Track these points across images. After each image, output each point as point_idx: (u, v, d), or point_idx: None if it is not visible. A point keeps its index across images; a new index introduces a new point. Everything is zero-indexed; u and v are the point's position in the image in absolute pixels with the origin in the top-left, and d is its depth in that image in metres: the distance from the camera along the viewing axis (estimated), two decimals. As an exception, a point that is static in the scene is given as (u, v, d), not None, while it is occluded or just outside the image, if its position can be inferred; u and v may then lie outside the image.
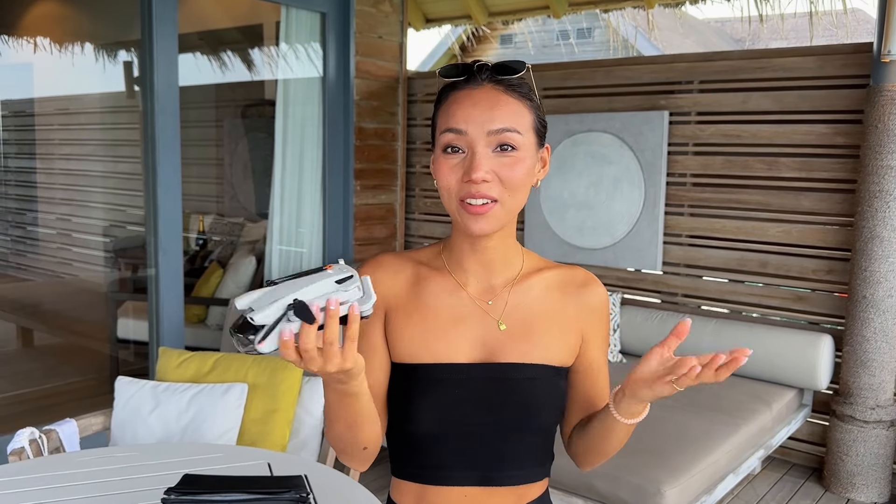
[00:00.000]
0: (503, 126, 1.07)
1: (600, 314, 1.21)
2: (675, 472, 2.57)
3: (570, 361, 1.19)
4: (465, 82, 1.11)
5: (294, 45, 4.39)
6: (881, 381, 3.27)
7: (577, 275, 1.22)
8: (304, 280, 0.91)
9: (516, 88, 1.10)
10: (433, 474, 1.15)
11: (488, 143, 1.07)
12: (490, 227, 1.09)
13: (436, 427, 1.12)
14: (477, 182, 1.06)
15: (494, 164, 1.07)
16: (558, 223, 4.29)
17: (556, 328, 1.17)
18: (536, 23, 7.84)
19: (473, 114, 1.07)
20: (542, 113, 1.13)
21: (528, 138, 1.09)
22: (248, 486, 1.48)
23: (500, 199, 1.08)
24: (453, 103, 1.10)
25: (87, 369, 4.99)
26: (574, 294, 1.20)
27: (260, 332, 0.87)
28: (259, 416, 2.39)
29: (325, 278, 0.90)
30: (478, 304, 1.16)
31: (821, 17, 4.26)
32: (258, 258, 4.70)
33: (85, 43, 5.38)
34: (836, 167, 3.52)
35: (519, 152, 1.08)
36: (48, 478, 1.69)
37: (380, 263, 1.19)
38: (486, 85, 1.09)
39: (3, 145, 5.65)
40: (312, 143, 4.45)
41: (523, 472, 1.17)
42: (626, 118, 4.03)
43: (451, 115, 1.08)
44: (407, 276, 1.18)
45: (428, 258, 1.21)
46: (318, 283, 0.89)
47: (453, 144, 1.08)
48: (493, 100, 1.08)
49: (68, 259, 5.95)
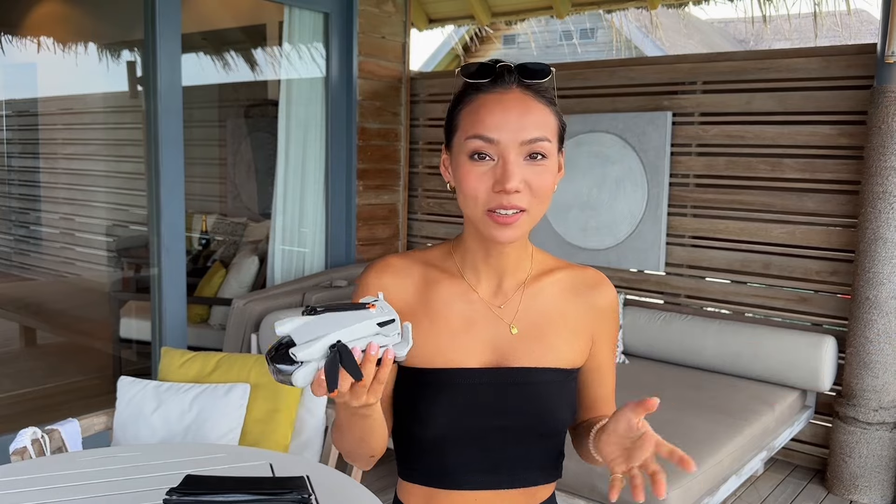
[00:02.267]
0: (536, 135, 1.04)
1: (610, 316, 1.20)
2: (678, 473, 2.56)
3: (581, 363, 1.18)
4: (491, 84, 1.06)
5: (297, 45, 4.39)
6: (884, 383, 3.27)
7: (587, 275, 1.20)
8: (347, 317, 0.90)
9: (543, 94, 1.07)
10: (443, 478, 1.14)
11: (520, 152, 1.04)
12: (516, 236, 1.07)
13: (447, 431, 1.11)
14: (510, 192, 1.03)
15: (526, 173, 1.04)
16: (561, 224, 4.29)
17: (567, 330, 1.16)
18: (540, 23, 7.84)
19: (506, 121, 1.03)
20: (562, 118, 1.11)
21: (554, 145, 1.07)
22: (251, 487, 1.48)
23: (529, 209, 1.06)
24: (481, 107, 1.05)
25: (89, 369, 4.99)
26: (585, 295, 1.18)
27: (299, 367, 0.88)
28: (261, 416, 2.39)
29: (368, 319, 0.90)
30: (489, 308, 1.14)
31: (825, 17, 4.25)
32: (261, 258, 4.70)
33: (88, 43, 5.38)
34: (839, 168, 3.51)
35: (548, 161, 1.06)
36: (50, 477, 1.69)
37: (386, 267, 1.15)
38: (515, 89, 1.05)
39: (7, 145, 5.66)
40: (315, 143, 4.45)
41: (534, 475, 1.16)
42: (630, 119, 4.02)
43: (480, 120, 1.04)
44: (415, 280, 1.15)
45: (437, 259, 1.18)
46: (360, 324, 0.89)
47: (482, 152, 1.04)
48: (524, 106, 1.04)
49: (71, 258, 5.96)
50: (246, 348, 3.76)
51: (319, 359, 0.88)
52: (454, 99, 1.10)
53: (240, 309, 3.80)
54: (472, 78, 1.07)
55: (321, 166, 4.48)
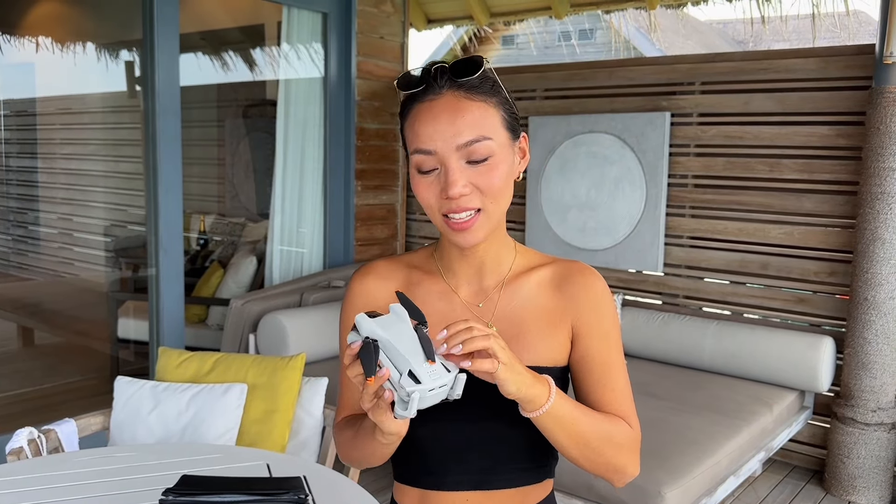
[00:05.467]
0: (471, 137, 1.02)
1: (592, 304, 1.13)
2: (676, 473, 2.56)
3: (563, 360, 1.14)
4: (423, 92, 1.06)
5: (296, 46, 4.39)
6: (882, 384, 3.27)
7: (568, 267, 1.16)
8: (411, 342, 0.93)
9: (478, 89, 1.05)
10: (432, 479, 1.15)
11: (460, 156, 1.03)
12: (477, 239, 1.07)
13: (430, 431, 1.11)
14: (455, 198, 1.03)
15: (470, 175, 1.03)
16: (559, 224, 4.29)
17: (546, 326, 1.13)
18: (538, 23, 7.84)
19: (438, 129, 1.03)
20: (511, 105, 1.08)
21: (499, 139, 1.05)
22: (247, 487, 1.48)
23: (483, 208, 1.05)
24: (416, 119, 1.05)
25: (86, 369, 4.98)
26: (563, 287, 1.14)
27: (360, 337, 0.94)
28: (258, 416, 2.39)
29: (414, 357, 0.93)
30: (468, 308, 1.14)
31: (823, 18, 4.26)
32: (259, 258, 4.70)
33: (87, 42, 5.37)
34: (837, 169, 3.52)
35: (493, 158, 1.04)
36: (47, 477, 1.68)
37: (370, 271, 1.18)
38: (446, 93, 1.04)
39: (5, 145, 5.65)
40: (314, 144, 4.45)
41: (520, 475, 1.15)
42: (628, 119, 4.02)
43: (416, 133, 1.04)
44: (398, 282, 1.17)
45: (421, 261, 1.19)
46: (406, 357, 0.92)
47: (424, 165, 1.05)
48: (454, 109, 1.03)
49: (69, 258, 5.95)
50: (244, 348, 3.75)
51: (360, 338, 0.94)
52: (399, 112, 1.11)
53: (238, 309, 3.80)
54: (406, 88, 1.07)
55: (319, 166, 4.48)
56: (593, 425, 1.07)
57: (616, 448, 1.10)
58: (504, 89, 1.09)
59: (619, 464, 1.11)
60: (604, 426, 1.09)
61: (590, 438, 1.07)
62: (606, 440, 1.09)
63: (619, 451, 1.10)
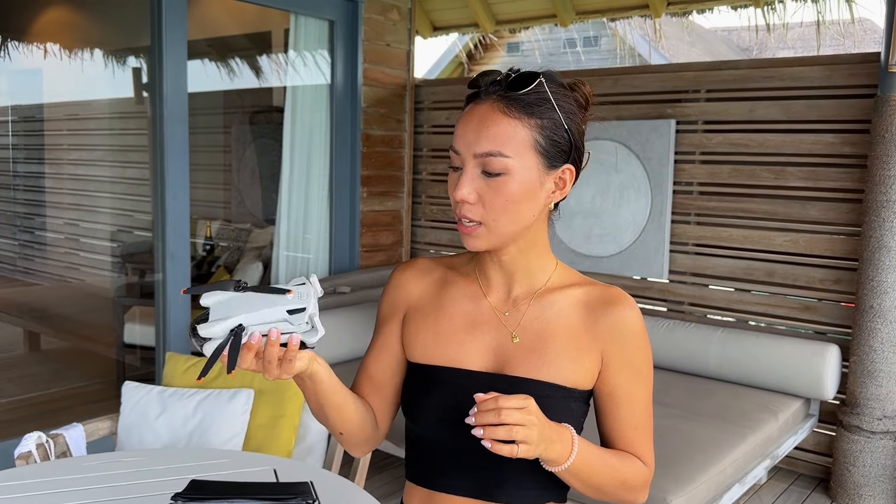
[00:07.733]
0: (486, 150, 1.04)
1: (625, 337, 1.11)
2: (681, 481, 2.56)
3: (587, 384, 1.12)
4: (476, 95, 1.09)
5: (302, 53, 4.41)
6: (888, 392, 3.26)
7: (605, 293, 1.14)
8: (261, 300, 0.96)
9: (519, 104, 1.04)
10: (437, 480, 1.15)
11: (476, 164, 1.05)
12: (479, 246, 1.09)
13: (437, 430, 1.12)
14: (458, 200, 1.06)
15: (481, 185, 1.05)
16: (565, 231, 4.30)
17: (572, 347, 1.11)
18: (543, 31, 7.87)
19: (466, 132, 1.06)
20: (561, 132, 1.06)
21: (523, 160, 1.04)
22: (255, 493, 1.49)
23: (484, 222, 1.06)
24: (461, 118, 1.09)
25: (93, 374, 5.00)
26: (597, 313, 1.12)
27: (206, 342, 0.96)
28: (265, 421, 2.39)
29: (279, 305, 0.96)
30: (495, 314, 1.15)
31: (828, 26, 4.27)
32: (265, 264, 4.72)
33: (94, 49, 5.41)
34: (843, 177, 3.52)
35: (506, 176, 1.04)
36: (55, 482, 1.69)
37: (412, 265, 1.23)
38: (489, 101, 1.05)
39: (13, 150, 5.68)
40: (320, 150, 4.47)
41: (526, 493, 1.13)
42: (633, 126, 4.03)
43: (456, 130, 1.08)
44: (435, 279, 1.20)
45: (460, 264, 1.22)
46: (269, 310, 0.95)
47: (454, 162, 1.08)
48: (485, 119, 1.04)
49: (76, 264, 5.97)
50: (249, 354, 3.75)
51: (221, 338, 0.94)
52: None
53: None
54: (469, 87, 1.11)
55: (325, 173, 4.49)
56: (610, 475, 1.09)
57: (628, 490, 1.13)
58: (561, 115, 1.06)
59: (629, 499, 1.15)
60: (620, 474, 1.10)
61: (603, 485, 1.09)
62: (620, 485, 1.11)
63: (631, 491, 1.13)
